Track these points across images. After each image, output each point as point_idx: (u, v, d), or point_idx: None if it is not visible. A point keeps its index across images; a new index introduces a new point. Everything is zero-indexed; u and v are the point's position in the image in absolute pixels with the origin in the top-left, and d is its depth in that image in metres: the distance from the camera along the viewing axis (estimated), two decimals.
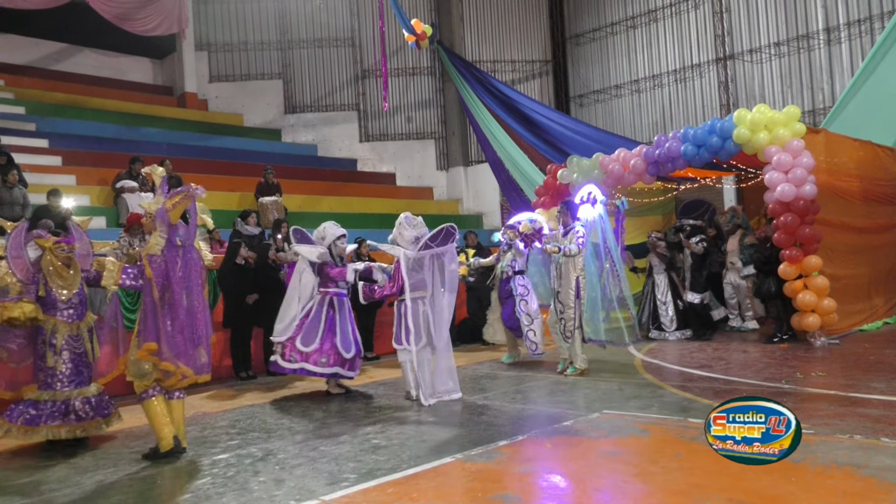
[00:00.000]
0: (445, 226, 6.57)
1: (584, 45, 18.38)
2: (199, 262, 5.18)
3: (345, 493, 3.97)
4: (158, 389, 4.99)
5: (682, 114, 16.32)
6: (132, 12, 16.23)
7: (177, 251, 5.00)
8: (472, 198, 18.14)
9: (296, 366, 6.97)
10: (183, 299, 4.92)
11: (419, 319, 6.58)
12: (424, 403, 6.35)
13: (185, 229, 5.13)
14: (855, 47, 13.82)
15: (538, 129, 14.43)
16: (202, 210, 5.30)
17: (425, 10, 18.39)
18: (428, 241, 6.56)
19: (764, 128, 9.01)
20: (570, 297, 7.61)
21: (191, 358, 4.94)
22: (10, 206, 9.60)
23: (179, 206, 5.04)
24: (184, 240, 5.06)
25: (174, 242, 4.99)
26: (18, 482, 4.63)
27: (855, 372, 6.94)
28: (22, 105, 14.94)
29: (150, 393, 4.97)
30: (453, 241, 6.66)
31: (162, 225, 4.97)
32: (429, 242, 6.55)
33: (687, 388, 6.40)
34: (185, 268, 5.02)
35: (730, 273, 10.51)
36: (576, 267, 7.59)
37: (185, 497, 4.08)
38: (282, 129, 18.85)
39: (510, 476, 4.18)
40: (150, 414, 4.98)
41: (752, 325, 10.47)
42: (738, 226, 10.65)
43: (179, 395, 5.15)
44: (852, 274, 9.81)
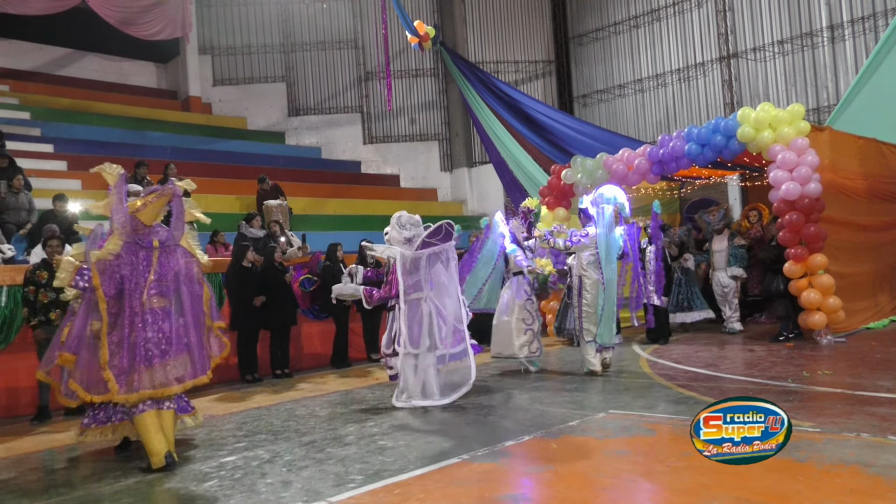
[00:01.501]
0: (443, 223, 6.36)
1: (588, 44, 18.37)
2: (187, 264, 4.93)
3: (352, 494, 3.97)
4: (150, 404, 4.73)
5: (686, 113, 16.31)
6: (136, 17, 16.32)
7: (148, 254, 4.72)
8: (477, 199, 18.15)
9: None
10: (142, 308, 4.60)
11: (423, 321, 6.36)
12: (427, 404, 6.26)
13: (164, 230, 4.88)
14: (859, 44, 13.79)
15: (542, 129, 14.44)
16: (192, 206, 5.05)
17: (428, 12, 18.42)
18: (426, 238, 6.31)
19: (768, 126, 9.00)
20: (574, 297, 7.72)
21: (136, 374, 4.57)
22: (17, 211, 9.65)
23: (152, 206, 4.75)
24: (163, 241, 4.80)
25: (146, 245, 4.72)
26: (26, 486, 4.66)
27: (861, 370, 6.91)
28: (27, 110, 15.03)
29: (142, 408, 4.71)
30: (452, 239, 6.43)
31: (120, 228, 4.67)
32: (427, 240, 6.31)
33: (693, 388, 6.39)
34: (162, 271, 4.77)
35: (717, 273, 10.38)
36: (580, 265, 7.55)
37: (193, 499, 4.09)
38: (285, 131, 18.91)
39: (516, 476, 4.18)
40: (141, 429, 4.73)
41: (738, 327, 10.32)
42: (727, 225, 10.57)
43: (169, 405, 4.87)
44: (858, 272, 9.78)
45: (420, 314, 6.36)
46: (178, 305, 4.88)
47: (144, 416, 4.71)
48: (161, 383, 4.72)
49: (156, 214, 4.83)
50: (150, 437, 4.69)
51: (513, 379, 7.68)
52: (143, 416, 4.71)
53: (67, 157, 13.49)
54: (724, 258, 10.32)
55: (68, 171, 13.05)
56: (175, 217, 4.96)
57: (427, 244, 6.32)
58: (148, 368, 4.66)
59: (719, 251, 10.42)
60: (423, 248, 6.33)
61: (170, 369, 4.77)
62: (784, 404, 5.48)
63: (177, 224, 4.95)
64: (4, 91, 15.70)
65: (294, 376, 8.90)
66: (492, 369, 8.44)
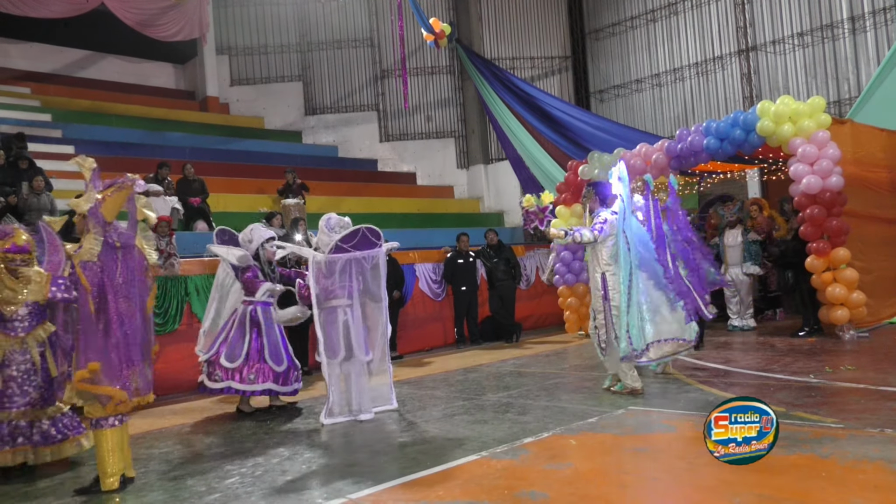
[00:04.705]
0: (361, 227, 5.90)
1: (604, 39, 18.25)
2: (141, 265, 4.60)
3: (371, 490, 3.99)
4: (120, 419, 4.37)
5: (705, 107, 16.15)
6: (154, 18, 16.44)
7: (115, 254, 4.40)
8: (493, 196, 18.11)
9: (222, 385, 6.30)
10: (120, 310, 4.33)
11: (339, 330, 5.92)
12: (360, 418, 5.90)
13: (123, 228, 4.56)
14: (881, 35, 13.57)
15: (558, 125, 14.39)
16: (144, 205, 4.73)
17: (443, 9, 18.39)
18: (339, 242, 5.86)
19: (788, 119, 8.89)
20: (598, 299, 6.33)
21: (126, 380, 4.31)
22: (38, 211, 9.76)
23: (112, 200, 4.45)
24: (123, 240, 4.47)
25: (111, 244, 4.40)
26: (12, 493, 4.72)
27: (885, 365, 6.83)
28: (48, 112, 15.21)
29: (111, 422, 4.32)
30: (377, 246, 6.00)
31: (97, 226, 4.38)
32: (340, 244, 5.86)
33: (713, 384, 6.34)
34: (126, 272, 4.43)
35: (731, 269, 10.15)
36: (600, 260, 6.28)
37: (215, 497, 4.13)
38: (302, 130, 18.98)
39: (536, 473, 4.18)
40: (99, 444, 4.32)
41: (752, 324, 10.16)
42: (740, 220, 10.39)
43: (125, 418, 4.46)
44: (882, 266, 9.64)
45: (337, 322, 5.95)
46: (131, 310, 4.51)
47: (112, 432, 4.32)
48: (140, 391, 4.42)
49: (117, 209, 4.49)
50: (106, 456, 4.30)
51: (530, 376, 7.66)
52: (105, 431, 4.31)
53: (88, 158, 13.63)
54: (738, 254, 10.13)
55: None
56: (130, 214, 4.63)
57: (341, 249, 5.88)
58: (131, 372, 4.37)
59: (732, 246, 10.20)
60: (336, 252, 5.89)
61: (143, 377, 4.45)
62: (806, 400, 5.45)
63: (132, 222, 4.63)
64: (26, 93, 15.90)
65: (313, 374, 8.94)
66: (509, 366, 8.44)
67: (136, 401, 4.41)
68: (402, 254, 10.52)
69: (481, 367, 8.59)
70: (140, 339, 4.44)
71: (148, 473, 4.71)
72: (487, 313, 11.33)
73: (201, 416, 6.71)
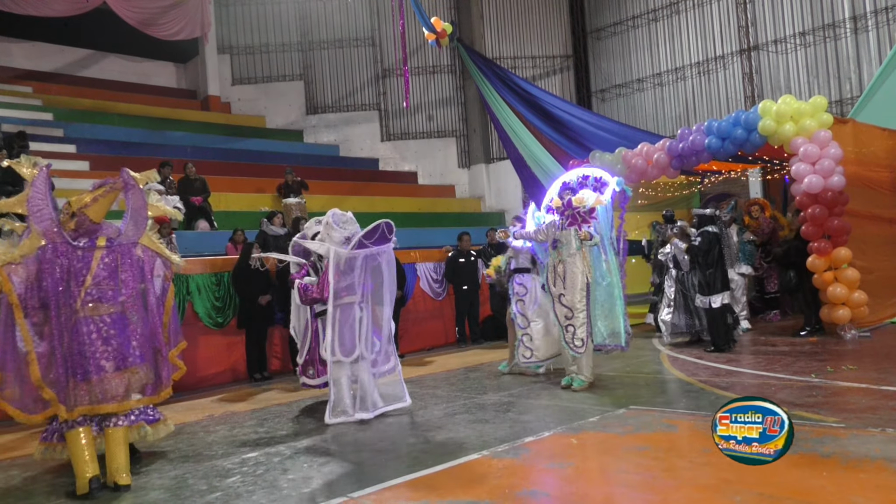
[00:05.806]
0: (381, 222, 5.80)
1: (606, 39, 18.25)
2: (148, 263, 4.55)
3: (372, 489, 3.99)
4: (81, 420, 4.31)
5: (706, 106, 16.14)
6: (155, 17, 16.47)
7: (87, 255, 4.30)
8: (495, 195, 18.12)
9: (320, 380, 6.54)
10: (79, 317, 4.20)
11: (354, 328, 5.84)
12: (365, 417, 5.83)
13: (113, 227, 4.50)
14: (882, 35, 13.56)
15: (560, 124, 14.34)
16: (156, 200, 4.67)
17: (445, 8, 18.40)
18: (362, 238, 5.78)
19: (790, 119, 8.88)
20: (578, 298, 6.54)
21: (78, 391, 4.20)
22: None
23: (102, 200, 4.40)
24: (112, 239, 4.40)
25: (85, 245, 4.32)
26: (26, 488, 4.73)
27: (886, 365, 6.82)
28: (50, 111, 15.22)
29: (72, 424, 4.29)
30: (390, 240, 5.96)
31: (37, 226, 4.27)
32: (363, 240, 5.79)
33: (714, 384, 6.34)
34: (106, 272, 4.33)
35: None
36: (584, 261, 6.57)
37: (216, 496, 4.13)
38: (304, 129, 18.99)
39: (537, 472, 4.18)
40: (70, 447, 4.30)
41: (746, 326, 10.00)
42: (734, 219, 10.29)
43: (118, 422, 4.42)
44: (883, 266, 9.63)
45: (352, 319, 5.85)
46: (140, 310, 4.47)
47: (74, 433, 4.29)
48: (99, 399, 4.30)
49: (105, 210, 4.42)
50: (77, 458, 4.26)
51: (531, 375, 7.65)
52: (73, 432, 4.29)
53: (90, 157, 13.64)
54: (733, 254, 10.10)
55: (91, 172, 13.17)
56: (131, 212, 4.53)
57: (362, 245, 5.80)
58: (84, 382, 4.24)
59: (728, 247, 10.16)
60: (358, 248, 5.81)
61: (117, 383, 4.34)
62: (808, 399, 5.45)
63: (133, 220, 4.53)
64: (27, 93, 15.90)
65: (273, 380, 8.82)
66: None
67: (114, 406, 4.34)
68: (404, 253, 10.53)
69: (482, 366, 8.59)
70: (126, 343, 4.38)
71: (149, 472, 4.72)
72: (488, 312, 11.33)
73: (202, 414, 6.72)
